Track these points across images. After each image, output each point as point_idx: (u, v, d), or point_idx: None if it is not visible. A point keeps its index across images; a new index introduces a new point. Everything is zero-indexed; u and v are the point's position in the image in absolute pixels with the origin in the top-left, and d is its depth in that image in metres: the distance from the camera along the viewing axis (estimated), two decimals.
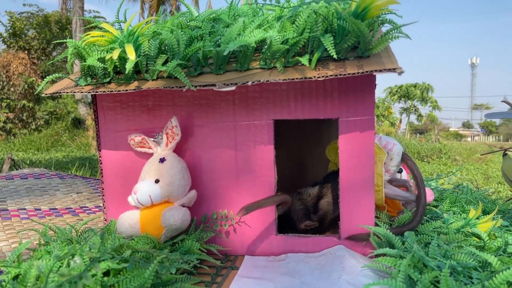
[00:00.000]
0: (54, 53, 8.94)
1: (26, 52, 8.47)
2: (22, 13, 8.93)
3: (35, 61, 8.54)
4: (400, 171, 0.92)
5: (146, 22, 0.74)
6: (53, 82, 0.78)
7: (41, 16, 8.89)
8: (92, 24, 0.79)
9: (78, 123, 8.10)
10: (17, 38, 8.41)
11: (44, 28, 8.72)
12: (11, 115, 7.79)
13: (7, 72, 7.95)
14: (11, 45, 8.44)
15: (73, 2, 7.97)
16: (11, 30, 8.41)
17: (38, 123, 7.93)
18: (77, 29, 7.66)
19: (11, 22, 8.37)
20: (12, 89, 7.91)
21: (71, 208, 1.10)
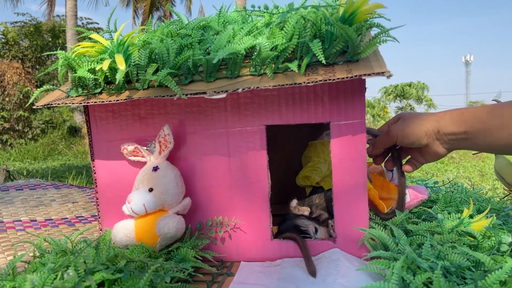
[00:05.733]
0: (49, 62, 8.93)
1: (20, 61, 8.46)
2: (16, 22, 8.93)
3: (30, 70, 8.53)
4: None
5: (137, 32, 0.74)
6: (48, 91, 0.78)
7: (33, 25, 8.89)
8: (83, 35, 0.80)
9: (74, 131, 8.09)
10: (10, 47, 8.40)
11: (35, 36, 8.71)
12: (6, 125, 7.77)
13: (1, 82, 7.93)
14: (5, 55, 8.42)
15: (66, 10, 7.97)
16: (3, 40, 8.40)
17: (35, 132, 7.91)
18: (70, 37, 7.65)
19: (3, 33, 8.37)
20: (7, 99, 7.89)
21: (67, 218, 1.10)
